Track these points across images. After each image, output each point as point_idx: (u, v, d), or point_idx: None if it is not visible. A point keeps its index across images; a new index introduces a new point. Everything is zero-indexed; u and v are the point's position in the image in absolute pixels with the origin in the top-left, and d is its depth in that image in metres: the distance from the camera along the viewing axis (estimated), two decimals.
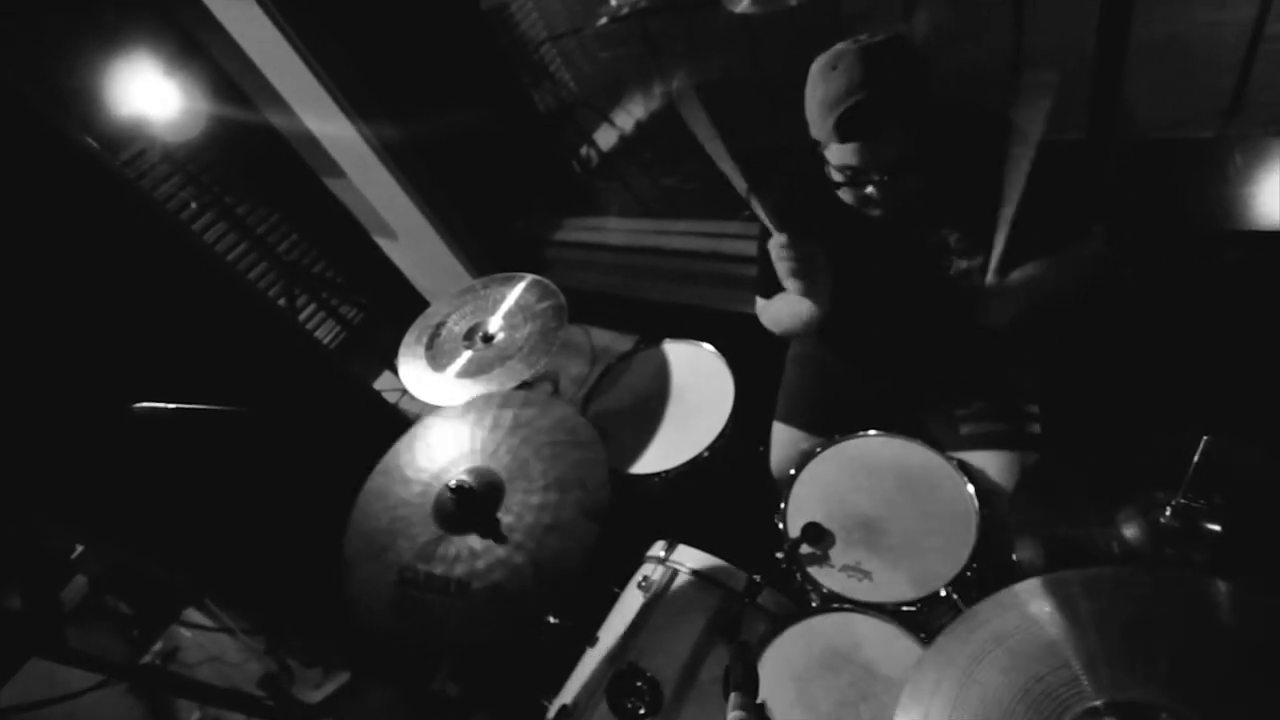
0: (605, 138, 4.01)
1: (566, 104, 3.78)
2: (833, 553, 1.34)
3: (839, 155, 1.13)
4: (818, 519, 1.37)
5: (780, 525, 1.42)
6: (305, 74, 2.31)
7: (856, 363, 1.59)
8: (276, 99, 2.51)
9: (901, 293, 1.37)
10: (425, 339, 1.82)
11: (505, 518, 1.24)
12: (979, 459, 1.38)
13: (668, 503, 1.69)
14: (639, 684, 1.33)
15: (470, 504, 1.25)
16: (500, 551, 1.20)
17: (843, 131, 1.08)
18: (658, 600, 1.48)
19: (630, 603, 1.50)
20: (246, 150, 2.68)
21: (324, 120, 2.48)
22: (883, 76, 1.03)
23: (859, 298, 1.43)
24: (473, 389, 1.65)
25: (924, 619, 1.19)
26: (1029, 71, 1.00)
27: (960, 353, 1.43)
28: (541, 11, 4.32)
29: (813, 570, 1.32)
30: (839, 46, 1.09)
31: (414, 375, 1.74)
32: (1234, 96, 2.21)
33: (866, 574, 1.29)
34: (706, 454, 1.62)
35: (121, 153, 2.40)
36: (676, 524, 1.58)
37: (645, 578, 1.50)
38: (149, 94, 1.95)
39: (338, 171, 2.74)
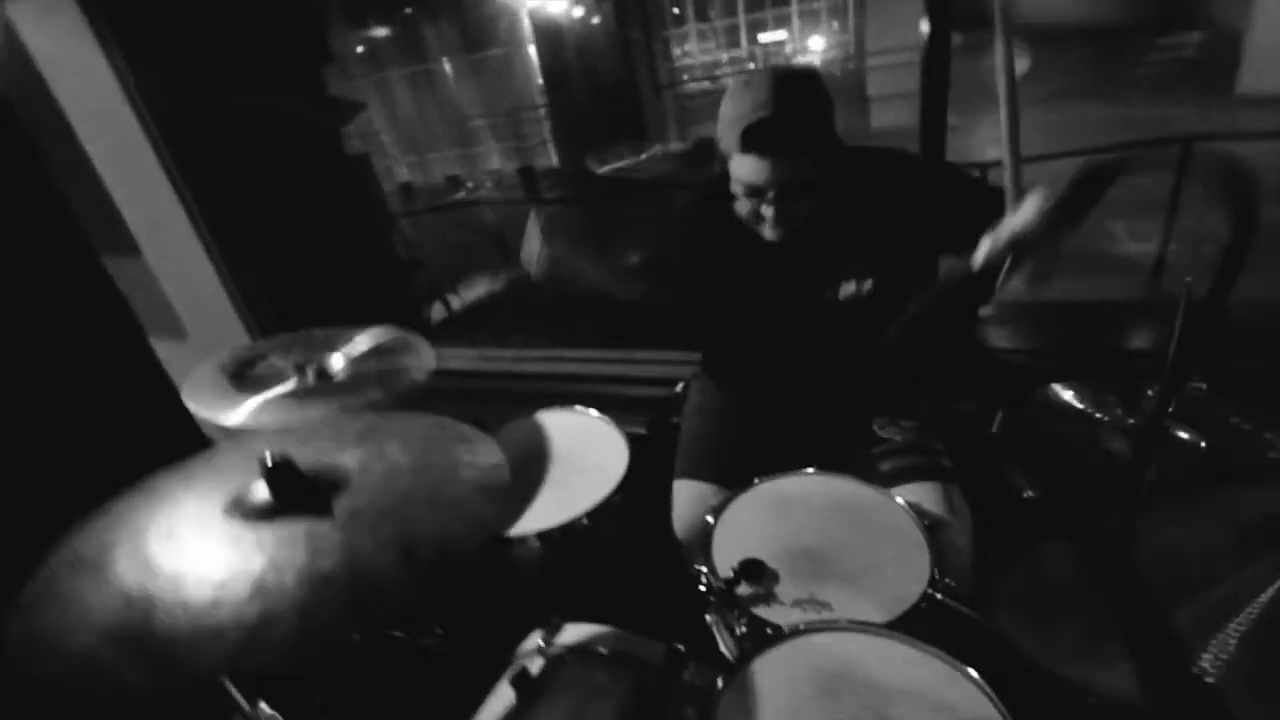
0: (453, 299, 3.96)
1: (416, 260, 3.73)
2: (779, 590, 1.07)
3: (740, 168, 1.17)
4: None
5: (704, 576, 1.13)
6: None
7: (755, 401, 1.48)
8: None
9: (791, 317, 1.36)
10: (229, 368, 1.37)
11: (351, 503, 0.83)
12: (907, 492, 1.27)
13: (554, 576, 1.29)
14: None
15: (292, 483, 0.82)
16: (335, 535, 0.77)
17: (746, 144, 1.13)
18: (541, 695, 1.03)
19: (500, 703, 1.03)
20: None
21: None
22: (790, 98, 1.11)
23: (751, 325, 1.41)
24: (294, 412, 1.23)
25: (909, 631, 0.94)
26: None
27: (851, 386, 1.41)
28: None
29: (760, 611, 1.03)
30: (755, 69, 1.18)
31: (202, 393, 1.26)
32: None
33: (824, 604, 1.03)
34: (601, 509, 1.30)
35: None
36: (565, 604, 1.19)
37: (522, 670, 1.06)
38: None
39: (130, 248, 2.29)
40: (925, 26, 1.87)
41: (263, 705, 1.07)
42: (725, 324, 1.47)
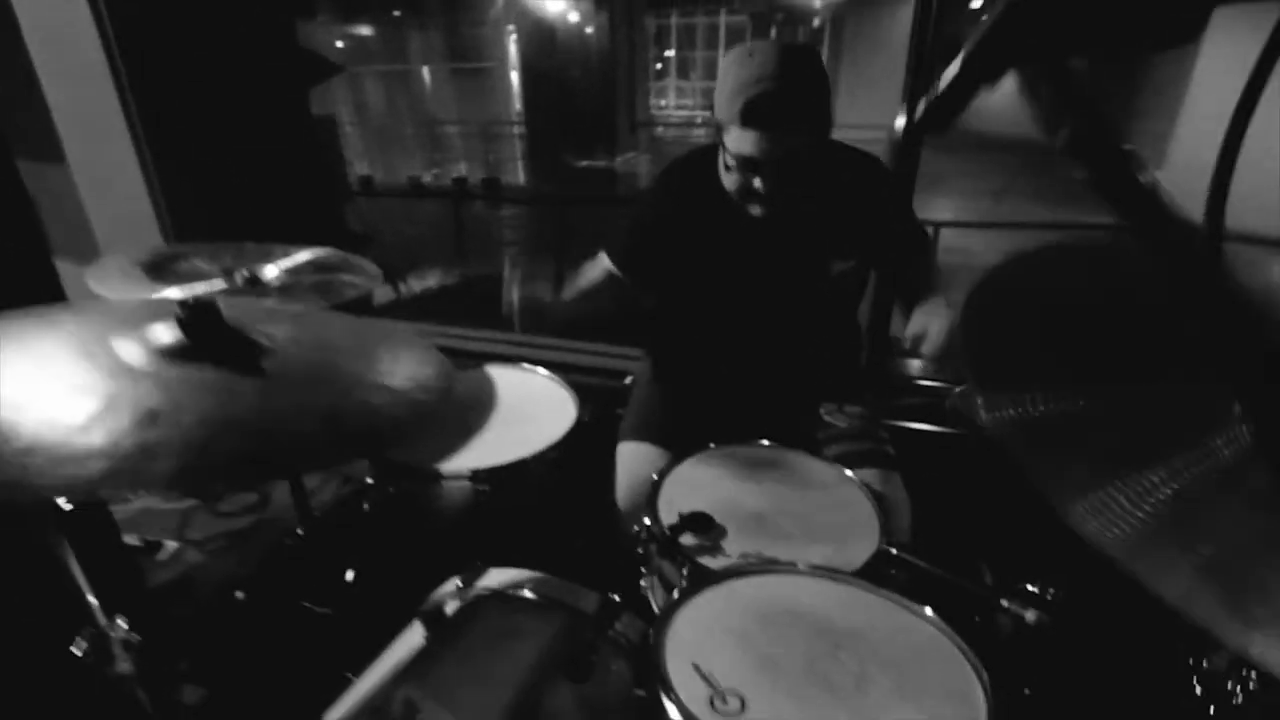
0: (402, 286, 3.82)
1: (368, 235, 3.58)
2: (725, 544, 1.01)
3: (737, 141, 1.14)
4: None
5: (645, 526, 1.06)
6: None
7: (710, 380, 1.45)
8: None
9: (766, 293, 1.35)
10: (145, 261, 1.23)
11: (275, 366, 0.73)
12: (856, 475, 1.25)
13: (482, 522, 1.19)
14: None
15: (210, 329, 0.72)
16: (251, 389, 0.67)
17: (746, 116, 1.10)
18: (456, 632, 0.94)
19: (408, 644, 0.93)
20: None
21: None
22: (795, 72, 1.10)
23: (723, 299, 1.39)
24: None
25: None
26: None
27: (813, 353, 1.41)
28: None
29: (705, 562, 0.97)
30: (758, 40, 1.19)
31: (111, 279, 1.13)
32: None
33: (771, 561, 0.97)
34: (540, 460, 1.22)
35: None
36: (491, 552, 1.10)
37: (435, 608, 0.97)
38: None
39: (55, 155, 2.09)
40: (900, 122, 1.92)
41: (120, 621, 0.91)
42: (695, 297, 1.44)
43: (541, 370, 1.53)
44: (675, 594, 0.83)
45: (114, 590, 0.92)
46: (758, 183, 1.16)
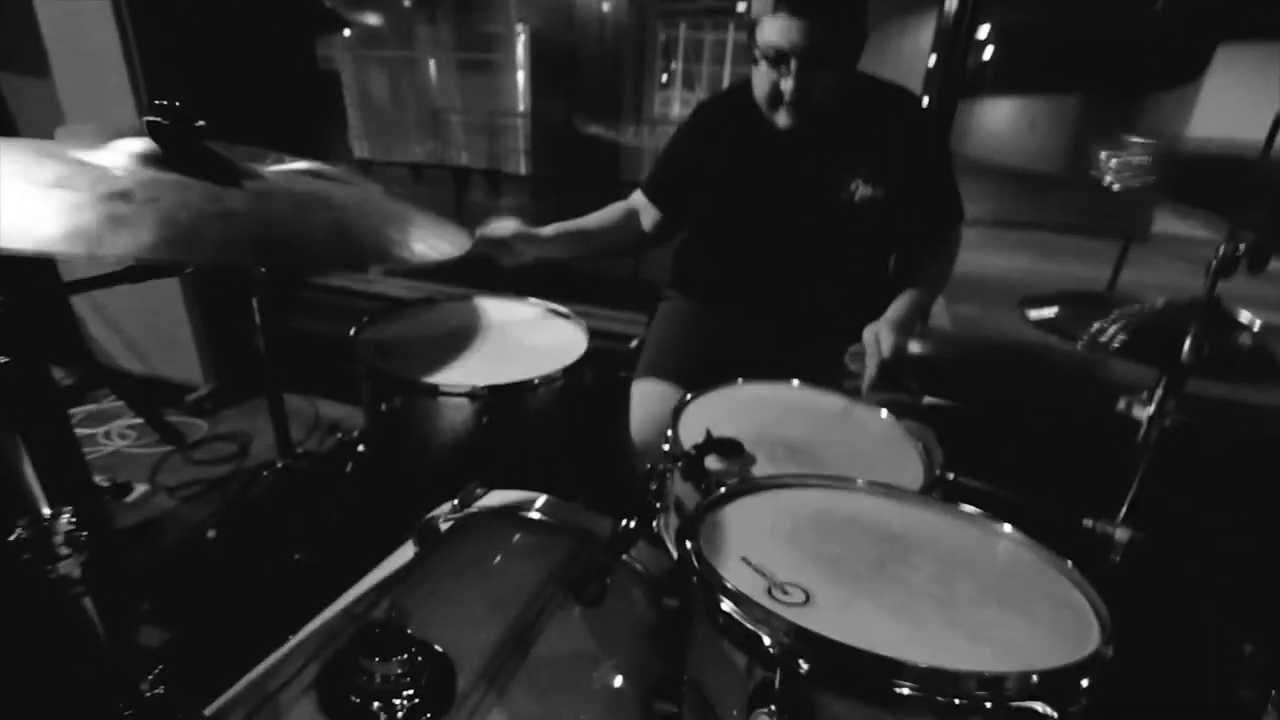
0: None
1: None
2: (756, 471, 0.91)
3: (770, 30, 1.10)
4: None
5: (665, 453, 0.96)
6: None
7: (736, 309, 1.37)
8: None
9: (797, 214, 1.29)
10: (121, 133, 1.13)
11: (265, 186, 0.63)
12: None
13: (485, 450, 1.08)
14: (404, 656, 0.63)
15: (188, 143, 0.62)
16: (246, 197, 0.58)
17: (779, 1, 1.07)
18: (452, 548, 0.83)
19: (401, 557, 0.83)
20: None
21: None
22: None
23: (755, 220, 1.33)
24: None
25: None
26: None
27: (839, 294, 1.33)
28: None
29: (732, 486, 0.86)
30: None
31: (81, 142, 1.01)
32: None
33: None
34: (546, 382, 1.12)
35: None
36: (489, 477, 0.99)
37: (427, 524, 0.86)
38: None
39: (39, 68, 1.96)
40: None
41: (66, 513, 0.79)
42: (722, 220, 1.36)
43: (554, 306, 1.43)
44: (712, 494, 0.72)
45: (61, 479, 0.80)
46: (786, 85, 1.12)
